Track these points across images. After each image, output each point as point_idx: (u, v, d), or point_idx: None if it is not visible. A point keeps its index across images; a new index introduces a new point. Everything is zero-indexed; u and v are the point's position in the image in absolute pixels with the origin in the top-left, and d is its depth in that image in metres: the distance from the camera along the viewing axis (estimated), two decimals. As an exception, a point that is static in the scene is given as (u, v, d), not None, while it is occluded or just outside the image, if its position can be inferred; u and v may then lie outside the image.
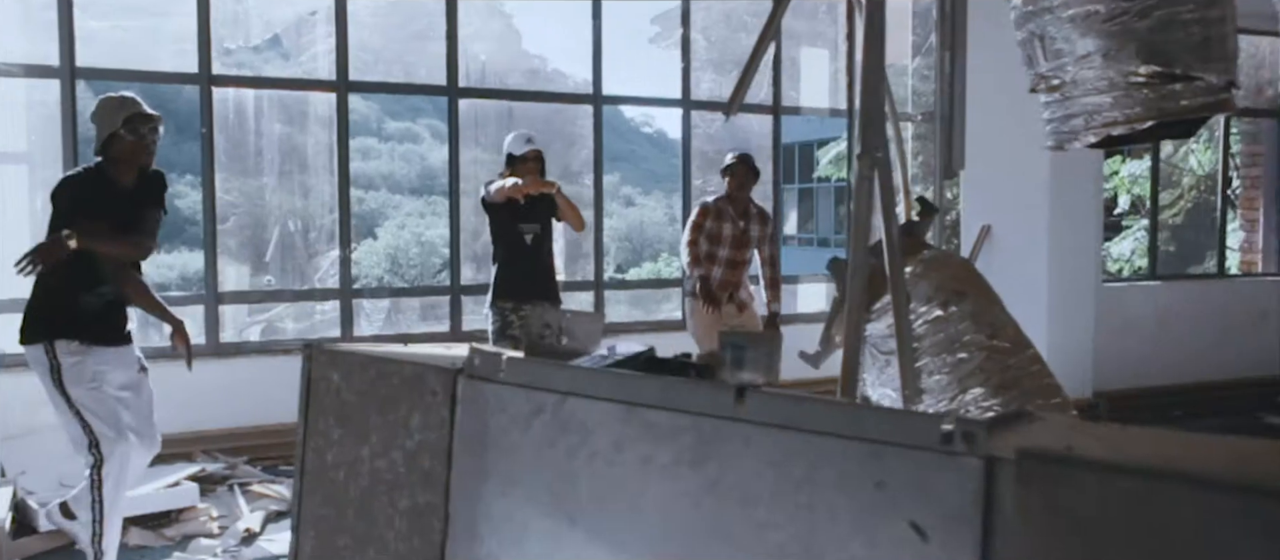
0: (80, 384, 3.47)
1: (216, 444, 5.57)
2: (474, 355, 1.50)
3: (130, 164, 3.56)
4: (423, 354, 1.69)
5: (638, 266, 25.77)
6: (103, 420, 3.50)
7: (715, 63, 7.65)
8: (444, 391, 1.51)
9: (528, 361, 1.42)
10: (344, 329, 6.23)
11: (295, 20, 6.35)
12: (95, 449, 3.48)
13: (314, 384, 1.74)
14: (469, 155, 6.67)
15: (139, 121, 3.55)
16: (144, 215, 3.59)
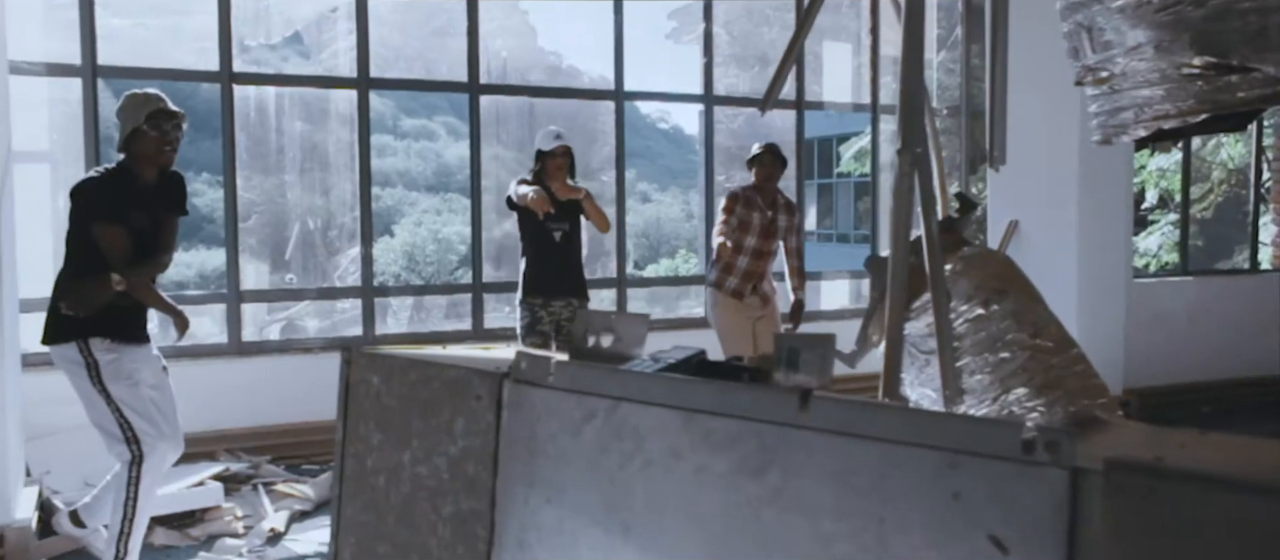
0: (119, 381, 3.47)
1: (239, 443, 5.56)
2: (520, 359, 1.45)
3: (153, 161, 3.55)
4: (465, 357, 1.65)
5: (655, 263, 25.74)
6: (142, 416, 3.50)
7: (738, 58, 7.59)
8: (489, 396, 1.46)
9: (578, 366, 1.37)
10: (366, 327, 6.21)
11: (316, 17, 6.32)
12: (135, 446, 3.48)
13: (353, 387, 1.69)
14: (489, 152, 6.63)
15: (163, 118, 3.53)
16: (166, 224, 3.62)
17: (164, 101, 3.58)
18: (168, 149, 3.55)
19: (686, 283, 9.25)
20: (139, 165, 3.55)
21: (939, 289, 2.52)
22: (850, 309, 8.15)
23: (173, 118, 3.56)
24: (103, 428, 3.51)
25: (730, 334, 5.54)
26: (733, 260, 5.49)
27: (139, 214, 3.51)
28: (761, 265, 5.53)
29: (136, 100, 3.56)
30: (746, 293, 5.53)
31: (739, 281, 5.52)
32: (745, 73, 7.60)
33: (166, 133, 3.53)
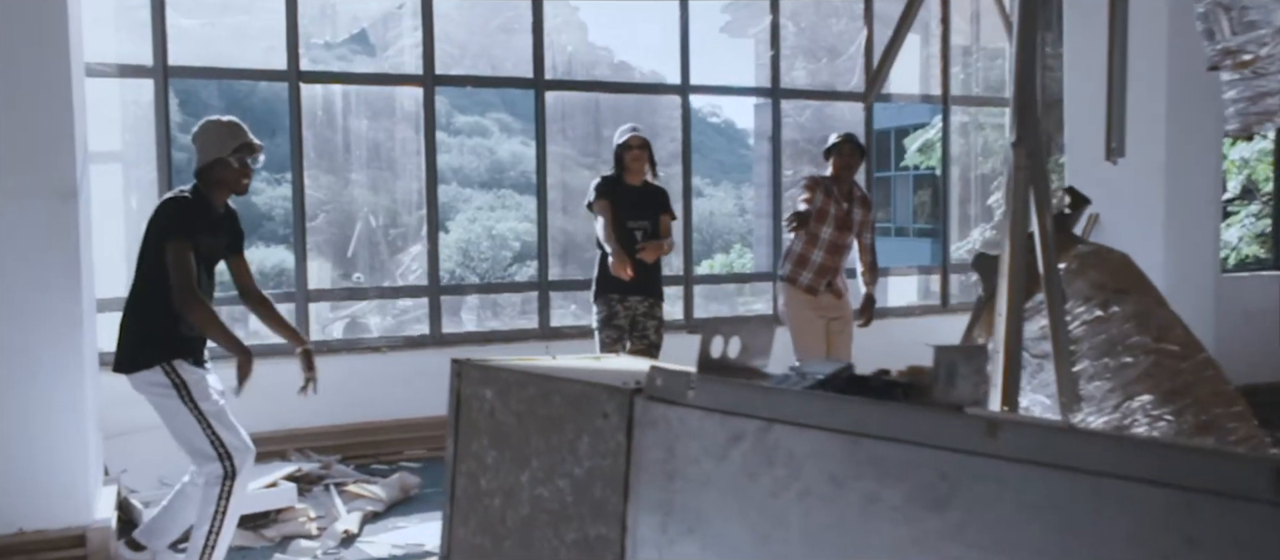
0: (207, 398, 3.51)
1: (308, 442, 5.55)
2: (655, 375, 1.34)
3: (230, 190, 3.62)
4: (587, 370, 1.55)
5: (708, 258, 25.59)
6: (231, 431, 3.52)
7: (805, 50, 7.41)
8: (619, 414, 1.35)
9: (720, 382, 1.26)
10: (433, 326, 6.17)
11: (382, 15, 6.29)
12: (227, 461, 3.49)
13: (464, 402, 1.60)
14: (552, 149, 6.54)
15: (247, 151, 3.59)
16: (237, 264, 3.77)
17: (247, 133, 3.63)
18: (246, 181, 3.62)
19: (751, 279, 9.10)
20: (213, 192, 3.60)
21: (1053, 289, 2.36)
22: (918, 306, 7.95)
23: (254, 151, 3.62)
24: (192, 445, 3.51)
25: (803, 332, 5.39)
26: (807, 253, 5.35)
27: (209, 239, 3.58)
28: (835, 259, 5.37)
29: (222, 129, 3.58)
30: (820, 289, 5.37)
31: (813, 277, 5.37)
32: (814, 65, 7.43)
33: (245, 166, 3.59)
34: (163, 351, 3.47)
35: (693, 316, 6.80)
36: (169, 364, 3.46)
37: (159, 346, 3.48)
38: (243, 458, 3.51)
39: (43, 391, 3.93)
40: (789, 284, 5.42)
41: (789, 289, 5.42)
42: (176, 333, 3.50)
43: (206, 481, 3.52)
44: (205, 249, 3.55)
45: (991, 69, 8.61)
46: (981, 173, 9.03)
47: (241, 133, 3.59)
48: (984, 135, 9.12)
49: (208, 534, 3.52)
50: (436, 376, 5.88)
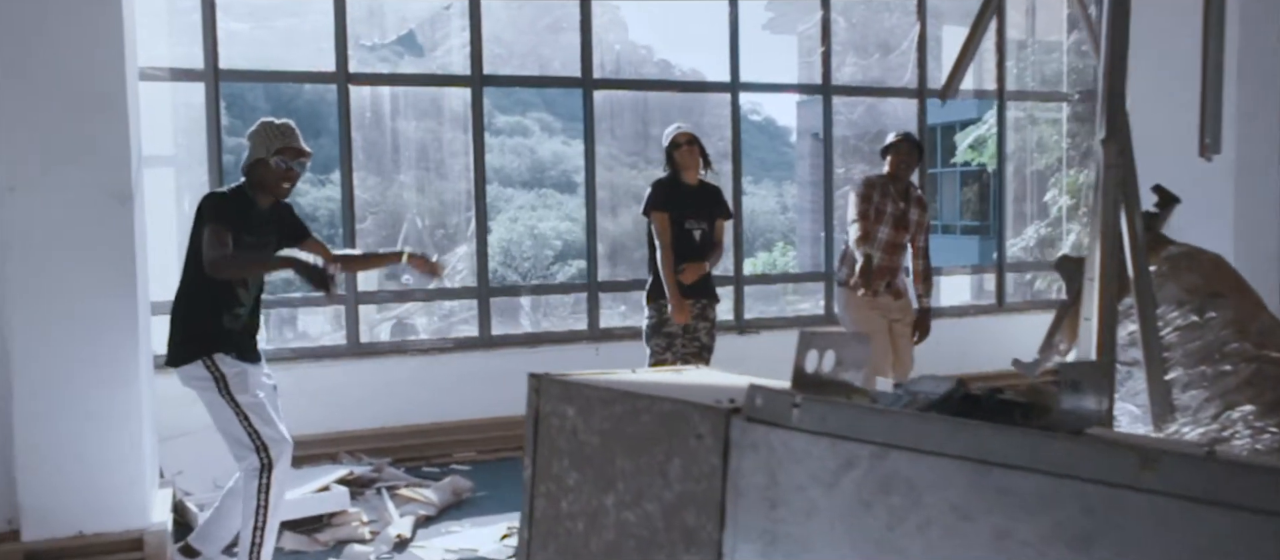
0: (246, 392, 3.57)
1: (358, 445, 5.53)
2: (755, 394, 1.26)
3: (271, 192, 3.65)
4: (675, 385, 1.46)
5: (751, 257, 25.39)
6: (267, 424, 3.58)
7: (856, 45, 7.28)
8: (713, 435, 1.27)
9: (828, 404, 1.17)
10: (482, 328, 6.12)
11: (430, 16, 6.26)
12: (264, 453, 3.55)
13: (543, 420, 1.52)
14: (600, 149, 6.46)
15: (291, 155, 3.62)
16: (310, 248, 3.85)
17: (296, 138, 3.65)
18: (287, 185, 3.65)
19: (802, 279, 8.97)
20: (256, 192, 3.64)
21: (1144, 293, 2.24)
22: (972, 306, 7.77)
23: (300, 156, 3.65)
24: (233, 437, 3.59)
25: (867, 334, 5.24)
26: (867, 253, 5.21)
27: (251, 237, 3.61)
28: (894, 259, 5.23)
29: (270, 130, 3.62)
30: (880, 290, 5.23)
31: (872, 279, 5.24)
32: (866, 60, 7.29)
33: (290, 169, 3.62)
34: (204, 345, 3.54)
35: (743, 318, 6.69)
36: (210, 358, 3.53)
37: (201, 341, 3.55)
38: (279, 450, 3.56)
39: (100, 395, 3.94)
40: (847, 287, 5.28)
41: (848, 293, 5.27)
42: (219, 326, 3.57)
43: (246, 476, 3.58)
44: (248, 245, 3.58)
45: (1047, 63, 8.41)
46: (1036, 169, 8.82)
47: (286, 136, 3.61)
48: (1038, 131, 8.92)
49: (253, 530, 3.57)
50: (486, 378, 5.89)
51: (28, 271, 3.83)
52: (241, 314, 3.63)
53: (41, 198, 3.84)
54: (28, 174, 3.82)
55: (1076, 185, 8.29)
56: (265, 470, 3.54)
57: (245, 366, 3.60)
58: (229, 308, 3.60)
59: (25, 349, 3.84)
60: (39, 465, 3.87)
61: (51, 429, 3.88)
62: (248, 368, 3.62)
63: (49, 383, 3.86)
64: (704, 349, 5.07)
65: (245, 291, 3.66)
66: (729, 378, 1.67)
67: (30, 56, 3.81)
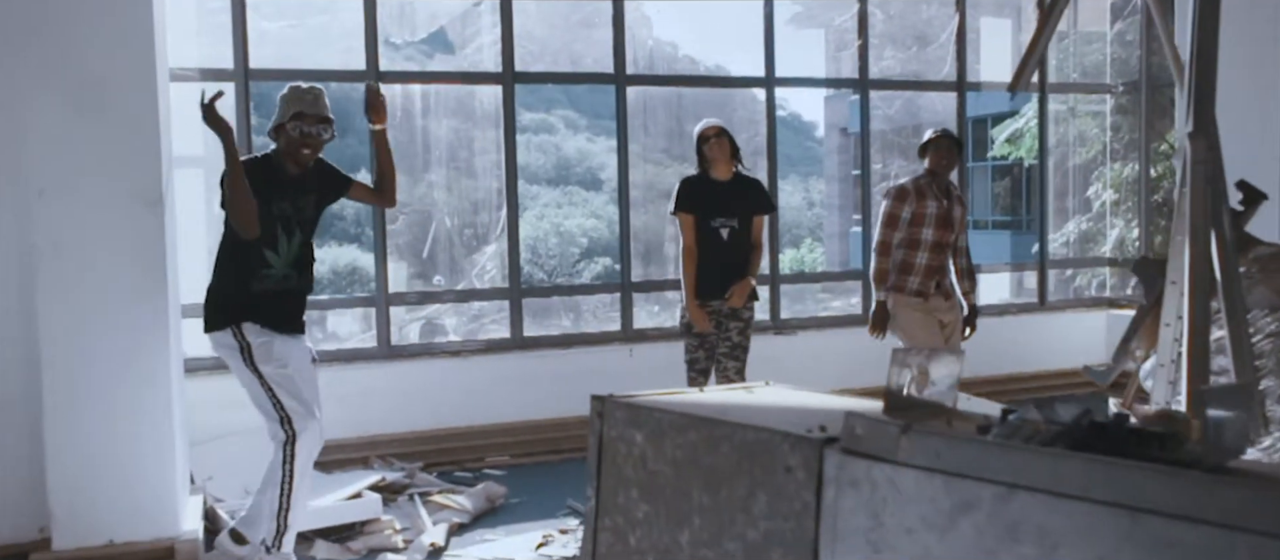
0: (270, 362, 3.59)
1: (390, 449, 5.45)
2: (854, 423, 1.13)
3: (291, 157, 3.65)
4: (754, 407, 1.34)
5: (779, 254, 25.14)
6: (292, 397, 3.60)
7: (894, 38, 7.11)
8: (805, 468, 1.15)
9: (943, 436, 1.04)
10: (513, 329, 6.02)
11: (460, 13, 6.16)
12: (288, 425, 3.58)
13: (608, 446, 1.40)
14: (632, 146, 6.33)
15: (309, 121, 3.61)
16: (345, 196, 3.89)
17: (315, 102, 3.62)
18: (305, 151, 3.63)
19: (842, 278, 8.81)
20: (284, 158, 3.67)
21: (1234, 298, 2.09)
22: (1014, 304, 7.58)
23: (314, 122, 3.62)
24: (261, 407, 3.65)
25: (919, 340, 5.07)
26: (910, 259, 5.05)
27: (281, 203, 3.63)
28: (941, 258, 5.06)
29: (292, 95, 3.65)
30: (929, 291, 5.07)
31: (921, 280, 5.07)
32: (903, 53, 7.13)
33: (307, 135, 3.60)
34: (231, 314, 3.59)
35: (779, 317, 6.55)
36: (237, 326, 3.57)
37: (228, 309, 3.61)
38: (303, 422, 3.58)
39: (131, 401, 3.88)
40: (897, 293, 5.08)
41: (897, 297, 5.08)
42: (247, 292, 3.60)
43: (275, 447, 3.62)
44: (277, 211, 3.62)
45: (1088, 54, 8.20)
46: (1076, 163, 8.61)
47: (302, 101, 3.61)
48: (1078, 123, 8.71)
49: (279, 497, 3.63)
50: (518, 381, 5.78)
51: (57, 276, 3.78)
52: (272, 275, 3.62)
53: (71, 202, 3.79)
54: (57, 178, 3.77)
55: (1120, 179, 8.08)
56: (289, 441, 3.58)
57: (273, 337, 3.62)
58: (256, 271, 3.61)
59: (55, 355, 3.79)
60: (70, 472, 3.82)
61: (82, 436, 3.82)
62: (277, 338, 3.63)
63: (79, 389, 3.81)
64: (737, 348, 4.94)
65: (275, 254, 3.67)
66: (810, 397, 1.54)
67: (60, 60, 3.75)
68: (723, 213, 4.86)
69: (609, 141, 6.30)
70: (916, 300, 5.06)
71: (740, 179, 4.98)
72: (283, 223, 3.69)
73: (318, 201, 3.80)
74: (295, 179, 3.68)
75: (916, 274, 5.06)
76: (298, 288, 3.78)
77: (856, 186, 23.05)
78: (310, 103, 3.61)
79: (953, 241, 5.12)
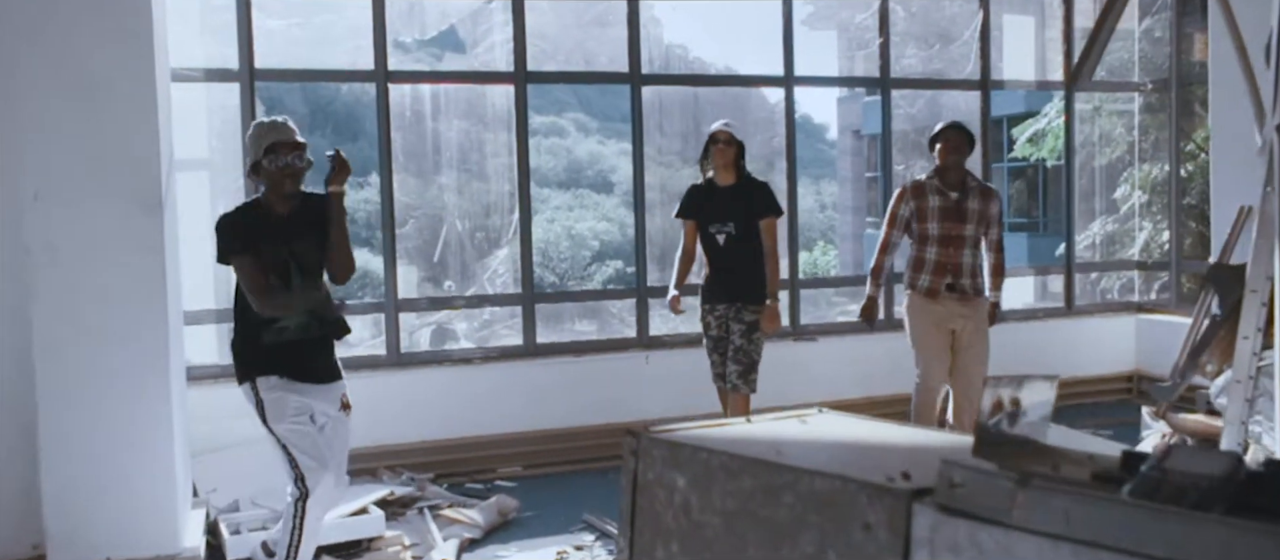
0: (283, 419, 3.45)
1: (400, 459, 5.28)
2: (951, 473, 0.95)
3: (276, 192, 3.48)
4: (815, 443, 1.16)
5: (797, 258, 24.92)
6: (307, 453, 3.46)
7: (917, 36, 6.92)
8: (889, 527, 0.96)
9: (1070, 494, 0.86)
10: (526, 335, 5.84)
11: (471, 11, 5.99)
12: (301, 483, 3.45)
13: (643, 489, 1.21)
14: (647, 148, 6.15)
15: (285, 150, 3.45)
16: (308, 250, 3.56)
17: (283, 131, 3.47)
18: (289, 182, 3.46)
19: (858, 283, 8.57)
20: (269, 197, 3.50)
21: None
22: (1040, 308, 7.37)
23: (291, 150, 3.46)
24: (279, 464, 3.52)
25: (922, 340, 4.93)
26: (920, 254, 4.91)
27: (277, 250, 3.45)
28: (953, 255, 4.85)
29: (259, 131, 3.50)
30: (940, 290, 4.88)
31: (931, 277, 4.89)
32: (926, 52, 6.93)
33: (286, 166, 3.44)
34: (248, 368, 3.48)
35: (799, 323, 6.36)
36: (252, 382, 3.46)
37: (245, 363, 3.50)
38: (315, 478, 3.44)
39: (128, 413, 3.74)
40: (908, 290, 5.00)
41: (908, 296, 5.01)
42: (259, 346, 3.46)
43: (288, 500, 3.52)
44: (270, 254, 3.44)
45: (1115, 51, 7.98)
46: (1101, 164, 8.40)
47: (271, 131, 3.46)
48: (1102, 123, 8.49)
49: (288, 548, 3.51)
50: (531, 389, 5.60)
51: (52, 283, 3.64)
52: (286, 327, 3.46)
53: (67, 206, 3.65)
54: (53, 181, 3.63)
55: (1150, 180, 7.86)
56: (302, 499, 3.46)
57: (289, 390, 3.47)
58: (267, 324, 3.46)
59: (50, 365, 3.65)
60: (65, 487, 3.69)
61: (78, 448, 3.69)
62: (295, 390, 3.48)
63: (75, 399, 3.67)
64: (739, 351, 4.86)
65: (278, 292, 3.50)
66: (875, 429, 1.36)
67: (56, 60, 3.61)
68: (720, 218, 4.86)
69: (620, 144, 6.13)
70: (926, 301, 4.90)
71: (745, 183, 4.91)
72: (283, 271, 3.48)
73: (320, 241, 3.54)
74: (287, 221, 3.48)
75: (926, 271, 4.91)
76: (319, 335, 3.59)
77: (870, 189, 22.84)
78: (280, 131, 3.46)
79: (972, 236, 4.91)
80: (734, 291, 4.86)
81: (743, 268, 4.86)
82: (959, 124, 5.01)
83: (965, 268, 4.89)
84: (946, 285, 4.87)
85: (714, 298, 4.92)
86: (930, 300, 4.90)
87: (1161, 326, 6.72)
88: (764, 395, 5.43)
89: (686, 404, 5.65)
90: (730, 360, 4.87)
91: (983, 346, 4.91)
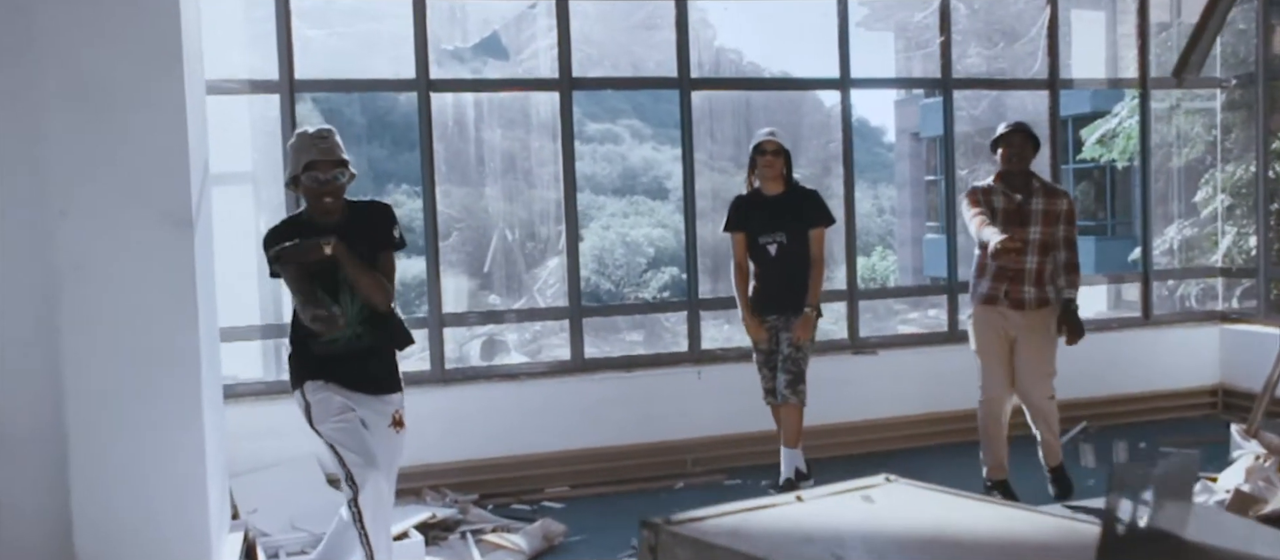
0: (328, 419, 3.41)
1: (444, 479, 5.13)
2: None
3: (316, 208, 3.43)
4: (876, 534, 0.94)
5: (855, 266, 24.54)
6: (353, 450, 3.37)
7: (979, 34, 6.60)
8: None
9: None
10: (573, 350, 5.66)
11: (514, 17, 5.84)
12: (350, 481, 3.35)
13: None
14: (697, 155, 5.93)
15: (321, 167, 3.38)
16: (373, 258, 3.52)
17: (321, 147, 3.40)
18: (329, 199, 3.39)
19: (928, 292, 8.28)
20: (311, 210, 3.47)
21: None
22: (1114, 318, 6.98)
23: (329, 169, 3.38)
24: (330, 466, 3.57)
25: (982, 350, 4.67)
26: (982, 258, 4.62)
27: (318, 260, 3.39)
28: (1016, 259, 4.56)
29: (300, 144, 3.43)
30: (999, 297, 4.59)
31: (990, 284, 4.60)
32: (990, 50, 6.61)
33: (324, 183, 3.37)
34: (297, 375, 3.51)
35: (858, 335, 6.08)
36: (300, 388, 3.47)
37: (295, 370, 3.53)
38: (363, 474, 3.34)
39: (160, 435, 3.62)
40: (971, 298, 4.75)
41: (971, 304, 4.76)
42: (308, 354, 3.48)
43: (344, 507, 3.45)
44: (318, 272, 3.39)
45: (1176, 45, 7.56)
46: (1179, 165, 7.97)
47: (310, 147, 3.39)
48: (1179, 122, 8.05)
49: (367, 553, 3.40)
50: (578, 406, 5.41)
51: (81, 302, 3.53)
52: (336, 338, 3.45)
53: (95, 222, 3.54)
54: (81, 197, 3.52)
55: (1233, 181, 7.41)
56: (354, 500, 3.36)
57: (329, 392, 3.42)
58: (315, 335, 3.43)
59: (79, 386, 3.54)
60: (96, 511, 3.57)
61: (108, 472, 3.58)
62: (334, 396, 3.43)
63: (105, 422, 3.56)
64: (788, 360, 4.73)
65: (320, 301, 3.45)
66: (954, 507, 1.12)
67: (83, 74, 3.51)
68: (770, 229, 4.76)
69: (675, 151, 5.93)
70: (985, 309, 4.64)
71: (793, 192, 4.81)
72: (329, 283, 3.45)
73: (368, 250, 3.47)
74: (331, 231, 3.41)
75: (986, 277, 4.64)
76: (372, 345, 3.53)
77: (929, 192, 22.31)
78: (322, 149, 3.38)
79: (1038, 240, 4.59)
80: (785, 302, 4.76)
81: (795, 278, 4.75)
82: (1022, 125, 4.72)
83: (1028, 274, 4.58)
84: (1005, 293, 4.58)
85: (764, 309, 4.83)
86: (990, 308, 4.62)
87: (1249, 337, 6.32)
88: (819, 412, 5.19)
89: (739, 421, 5.43)
90: (779, 370, 4.75)
91: (1042, 359, 4.61)
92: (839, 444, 5.70)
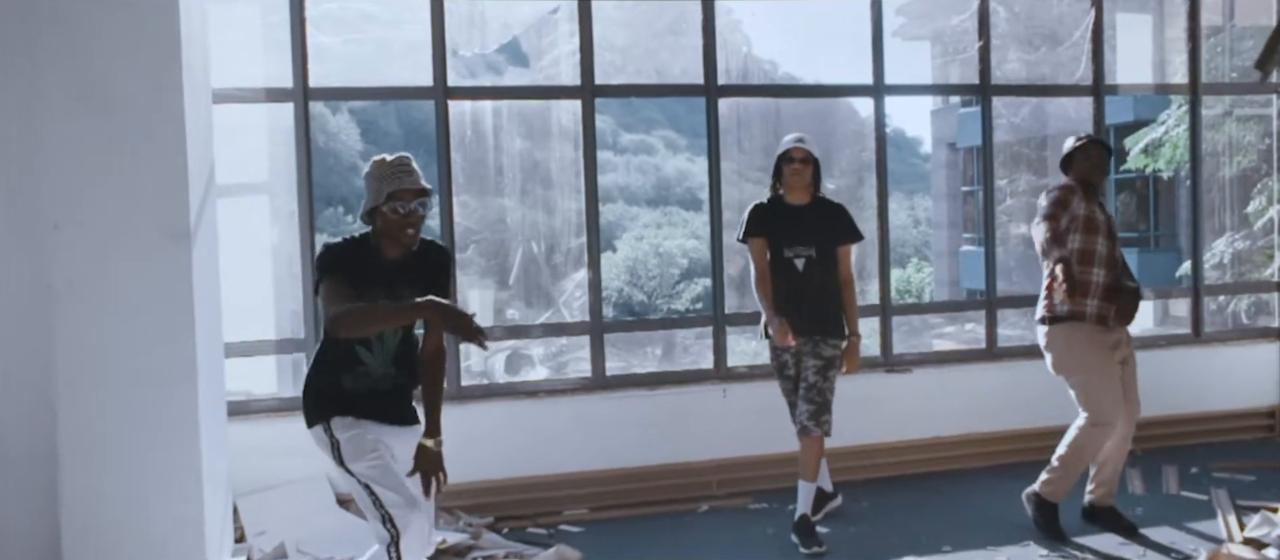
0: (361, 458, 3.18)
1: (457, 500, 4.94)
2: None
3: (394, 241, 3.19)
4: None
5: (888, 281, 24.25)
6: (392, 490, 3.15)
7: (1020, 38, 6.34)
8: None
9: None
10: (594, 367, 5.46)
11: (535, 21, 5.68)
12: (390, 524, 3.13)
13: None
14: (725, 164, 5.72)
15: (405, 197, 3.15)
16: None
17: (408, 177, 3.17)
18: (411, 231, 3.17)
19: (965, 307, 7.99)
20: (381, 241, 3.21)
21: None
22: (1162, 335, 6.66)
23: (416, 197, 3.16)
24: (362, 506, 3.23)
25: (1098, 372, 4.29)
26: (1087, 274, 4.25)
27: (377, 290, 3.16)
28: (1116, 278, 4.30)
29: (381, 172, 3.18)
30: (1110, 317, 4.29)
31: (1100, 302, 4.28)
32: (1031, 55, 6.35)
33: (409, 214, 3.15)
34: (322, 410, 3.24)
35: (891, 353, 5.83)
36: (326, 423, 3.22)
37: (319, 405, 3.26)
38: (405, 517, 3.13)
39: (155, 457, 3.53)
40: (1073, 322, 4.29)
41: (1073, 328, 4.29)
42: (339, 389, 3.24)
43: (379, 548, 3.20)
44: (371, 299, 3.12)
45: (1245, 52, 7.25)
46: (1230, 175, 7.63)
47: (396, 176, 3.15)
48: (1230, 130, 7.72)
49: None
50: (599, 425, 5.19)
51: (75, 318, 3.44)
52: (368, 373, 3.24)
53: (89, 235, 3.44)
54: (74, 210, 3.43)
55: None
56: (393, 544, 3.14)
57: (362, 429, 3.20)
58: (350, 368, 3.22)
59: (73, 403, 3.44)
60: (88, 535, 3.48)
61: (101, 492, 3.49)
62: (365, 433, 3.20)
63: (98, 440, 3.47)
64: (812, 389, 4.42)
65: (369, 351, 3.23)
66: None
67: (77, 82, 3.42)
68: (797, 241, 4.46)
69: (730, 160, 5.72)
70: (1098, 329, 4.29)
71: (820, 204, 4.53)
72: None
73: (424, 291, 3.21)
74: (395, 265, 3.22)
75: (1095, 296, 4.27)
76: (400, 384, 3.34)
77: (966, 203, 21.94)
78: (405, 177, 3.16)
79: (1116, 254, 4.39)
80: (813, 323, 4.45)
81: (824, 296, 4.48)
82: (1100, 139, 4.58)
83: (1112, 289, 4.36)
84: (1115, 312, 4.30)
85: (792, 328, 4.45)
86: (1102, 328, 4.31)
87: (1309, 356, 6.00)
88: (850, 433, 4.95)
89: (766, 442, 5.21)
90: (802, 398, 4.44)
91: (1135, 372, 4.46)
92: (871, 466, 5.46)
